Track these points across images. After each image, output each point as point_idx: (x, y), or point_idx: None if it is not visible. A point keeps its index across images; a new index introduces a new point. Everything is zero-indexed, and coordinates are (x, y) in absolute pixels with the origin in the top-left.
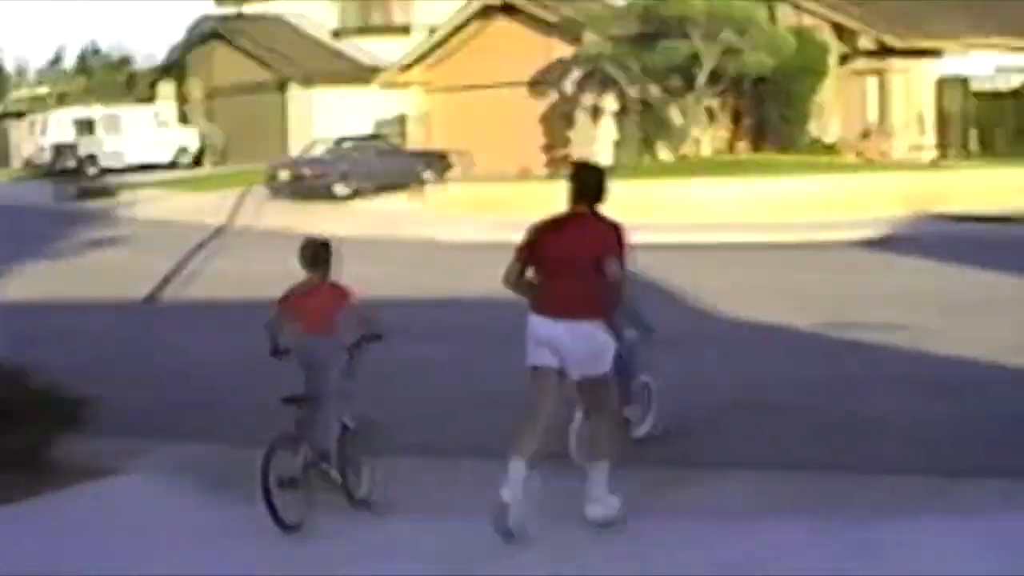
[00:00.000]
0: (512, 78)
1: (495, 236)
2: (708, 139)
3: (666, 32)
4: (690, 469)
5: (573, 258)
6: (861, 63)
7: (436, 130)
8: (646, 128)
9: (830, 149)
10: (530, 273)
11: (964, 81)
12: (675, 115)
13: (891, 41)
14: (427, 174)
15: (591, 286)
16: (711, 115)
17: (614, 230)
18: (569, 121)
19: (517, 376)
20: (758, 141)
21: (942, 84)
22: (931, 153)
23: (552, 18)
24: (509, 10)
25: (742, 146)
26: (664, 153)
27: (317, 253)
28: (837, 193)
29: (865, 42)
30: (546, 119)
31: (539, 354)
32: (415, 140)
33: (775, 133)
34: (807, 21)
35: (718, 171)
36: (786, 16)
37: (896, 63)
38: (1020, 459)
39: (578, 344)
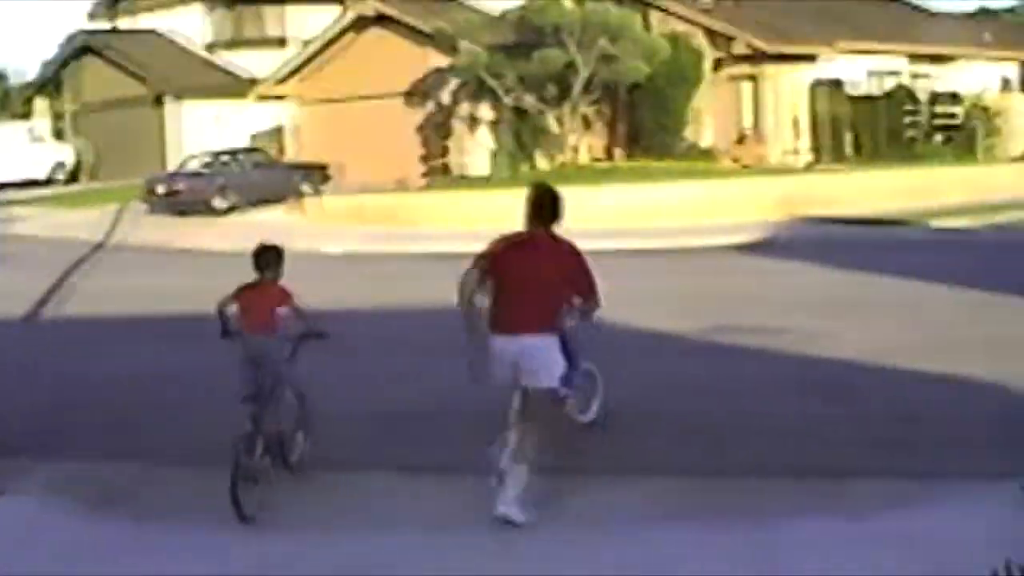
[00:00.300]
0: (388, 89)
1: (379, 247)
2: (585, 147)
3: (541, 41)
4: (582, 477)
5: (532, 278)
6: (735, 68)
7: (312, 142)
8: (523, 137)
9: (706, 155)
10: (481, 295)
11: (838, 85)
12: (552, 123)
13: (765, 46)
14: (305, 186)
15: (548, 304)
16: (587, 123)
17: (571, 251)
18: (446, 131)
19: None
20: (634, 148)
21: (816, 88)
22: (806, 157)
23: (427, 28)
24: (384, 21)
25: (618, 153)
26: (541, 161)
27: (267, 257)
28: (714, 198)
29: (739, 47)
30: (423, 129)
31: (502, 375)
32: (292, 152)
33: (651, 140)
34: (681, 27)
35: (595, 179)
36: (660, 23)
37: (770, 68)
38: (904, 459)
39: (532, 357)
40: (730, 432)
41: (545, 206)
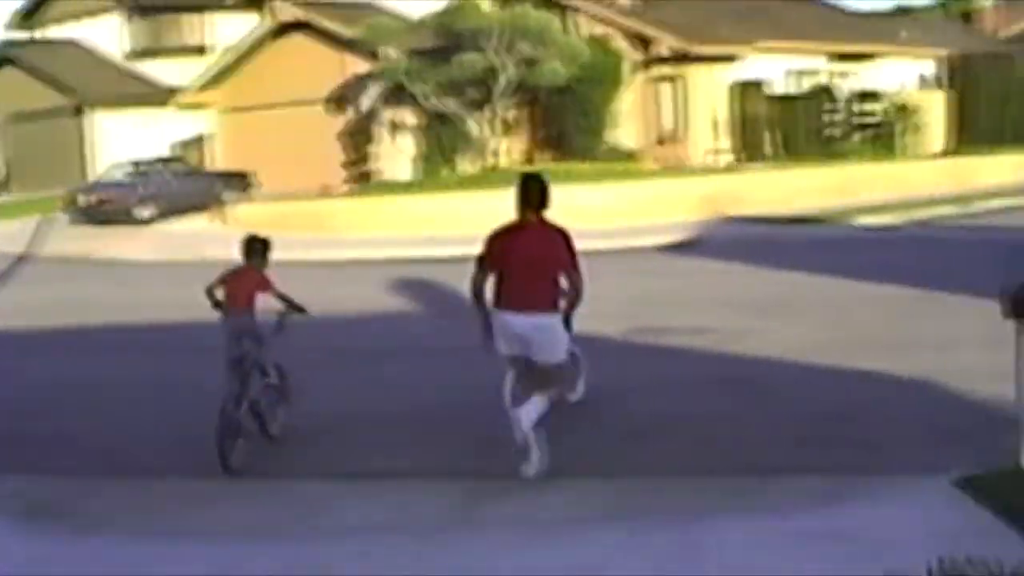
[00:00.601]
0: (308, 95)
1: (304, 254)
2: (508, 150)
3: (461, 45)
4: (508, 480)
5: (530, 261)
6: (657, 70)
7: (234, 150)
8: (444, 142)
9: (629, 156)
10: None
11: (758, 85)
12: (473, 128)
13: (685, 47)
14: (227, 194)
15: (547, 284)
16: (509, 127)
17: (561, 235)
18: (368, 137)
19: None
20: (557, 151)
21: (736, 88)
22: (728, 157)
23: (348, 34)
24: (304, 27)
25: (540, 156)
26: (464, 166)
27: (254, 247)
28: (636, 200)
29: (659, 49)
30: (344, 136)
31: (509, 346)
32: (213, 160)
33: (572, 142)
34: (601, 30)
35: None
36: (581, 25)
37: (690, 69)
38: (827, 456)
39: (539, 334)
40: (653, 432)
41: (534, 194)
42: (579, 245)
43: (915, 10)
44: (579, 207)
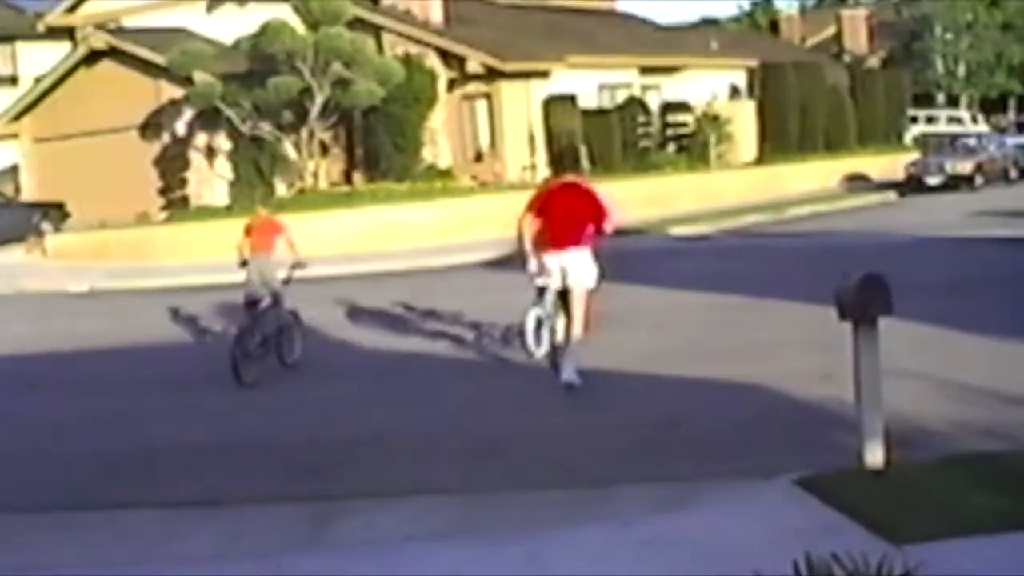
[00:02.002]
0: (123, 122)
1: (123, 282)
2: (324, 172)
3: (275, 68)
4: (342, 501)
5: (571, 212)
6: (470, 87)
7: (47, 179)
8: (261, 165)
9: (444, 174)
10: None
11: (571, 100)
12: (289, 150)
13: (498, 64)
14: (44, 225)
15: (583, 228)
16: (325, 148)
17: (594, 193)
18: (184, 162)
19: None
20: (373, 171)
21: (549, 104)
22: (545, 172)
23: (160, 60)
24: (116, 54)
25: (357, 177)
26: (281, 188)
27: (265, 201)
28: (455, 217)
29: (473, 66)
30: (160, 162)
31: (551, 279)
32: (28, 191)
33: (389, 162)
34: (414, 49)
35: (335, 203)
36: (393, 45)
37: (504, 85)
38: (668, 463)
39: (576, 263)
40: (488, 447)
41: (570, 159)
42: (396, 265)
43: (721, 21)
44: (397, 227)
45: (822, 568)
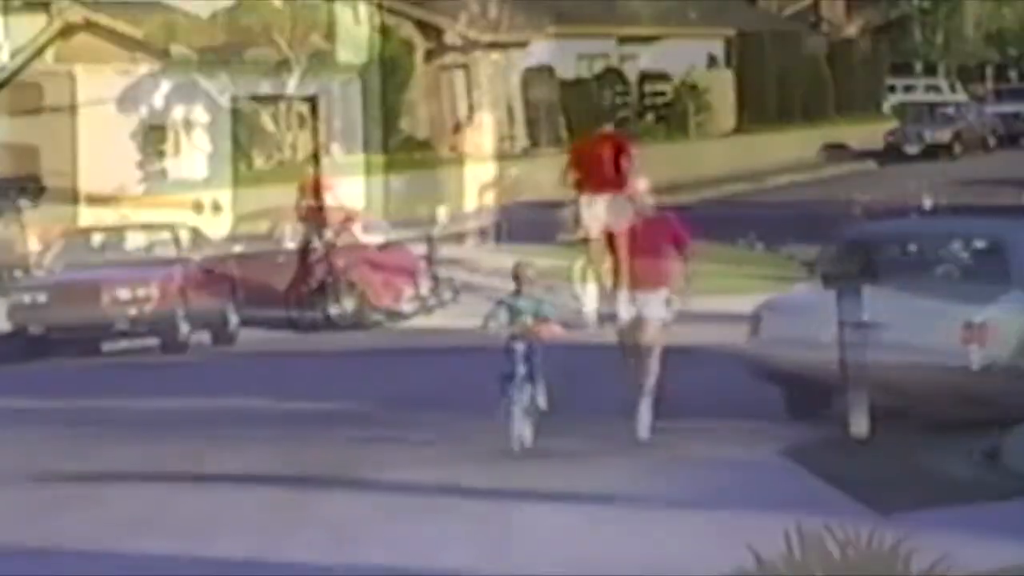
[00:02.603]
0: (100, 96)
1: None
2: (302, 144)
3: (253, 40)
4: None
5: (602, 163)
6: (448, 58)
7: (26, 154)
8: (239, 137)
9: (422, 146)
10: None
11: (549, 70)
12: (267, 122)
13: (475, 35)
14: (22, 200)
15: (614, 175)
16: (303, 120)
17: (624, 145)
18: (162, 136)
19: None
20: (351, 142)
21: (528, 75)
22: (522, 143)
23: (137, 33)
24: (92, 27)
25: (336, 148)
26: (260, 161)
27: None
28: (432, 188)
29: (450, 37)
30: (138, 135)
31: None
32: (7, 166)
33: (367, 133)
34: (391, 20)
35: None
36: (370, 16)
37: (482, 56)
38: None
39: (614, 205)
40: None
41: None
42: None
43: None
44: (378, 198)
45: (814, 539)
